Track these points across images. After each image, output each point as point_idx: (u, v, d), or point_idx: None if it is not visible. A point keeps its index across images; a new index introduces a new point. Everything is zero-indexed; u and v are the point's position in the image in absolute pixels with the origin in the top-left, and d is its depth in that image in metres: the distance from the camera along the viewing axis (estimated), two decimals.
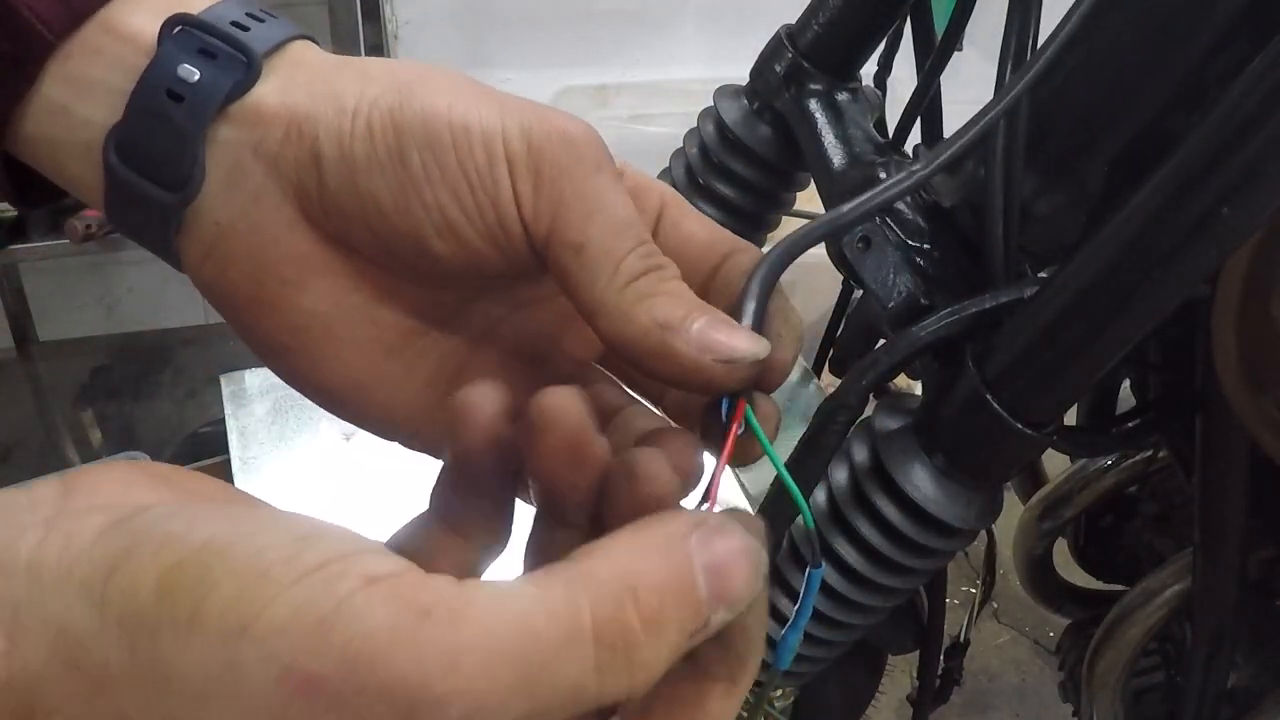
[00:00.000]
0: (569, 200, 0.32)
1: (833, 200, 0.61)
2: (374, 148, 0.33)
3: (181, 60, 0.33)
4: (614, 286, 0.32)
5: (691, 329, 0.31)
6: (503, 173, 0.32)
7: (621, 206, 0.33)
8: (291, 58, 0.35)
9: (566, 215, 0.32)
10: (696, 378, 0.32)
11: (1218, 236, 0.41)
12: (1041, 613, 0.95)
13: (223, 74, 0.33)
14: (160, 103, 0.34)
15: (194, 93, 0.33)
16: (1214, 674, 0.68)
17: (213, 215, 0.34)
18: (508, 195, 0.32)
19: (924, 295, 0.54)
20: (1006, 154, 0.50)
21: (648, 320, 0.31)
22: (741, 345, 0.31)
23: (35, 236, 1.90)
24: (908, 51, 0.67)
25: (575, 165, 0.32)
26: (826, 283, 0.80)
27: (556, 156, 0.32)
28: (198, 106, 0.33)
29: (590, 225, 0.32)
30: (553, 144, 0.32)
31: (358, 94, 0.33)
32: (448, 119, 0.32)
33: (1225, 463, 0.60)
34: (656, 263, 0.33)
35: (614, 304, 0.32)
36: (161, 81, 0.33)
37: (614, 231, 0.32)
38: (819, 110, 0.62)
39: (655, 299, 0.32)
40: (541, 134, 0.32)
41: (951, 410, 0.51)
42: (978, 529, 0.54)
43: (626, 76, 2.21)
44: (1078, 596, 0.92)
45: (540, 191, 0.32)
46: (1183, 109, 0.48)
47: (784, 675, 0.61)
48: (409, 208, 0.33)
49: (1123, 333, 0.46)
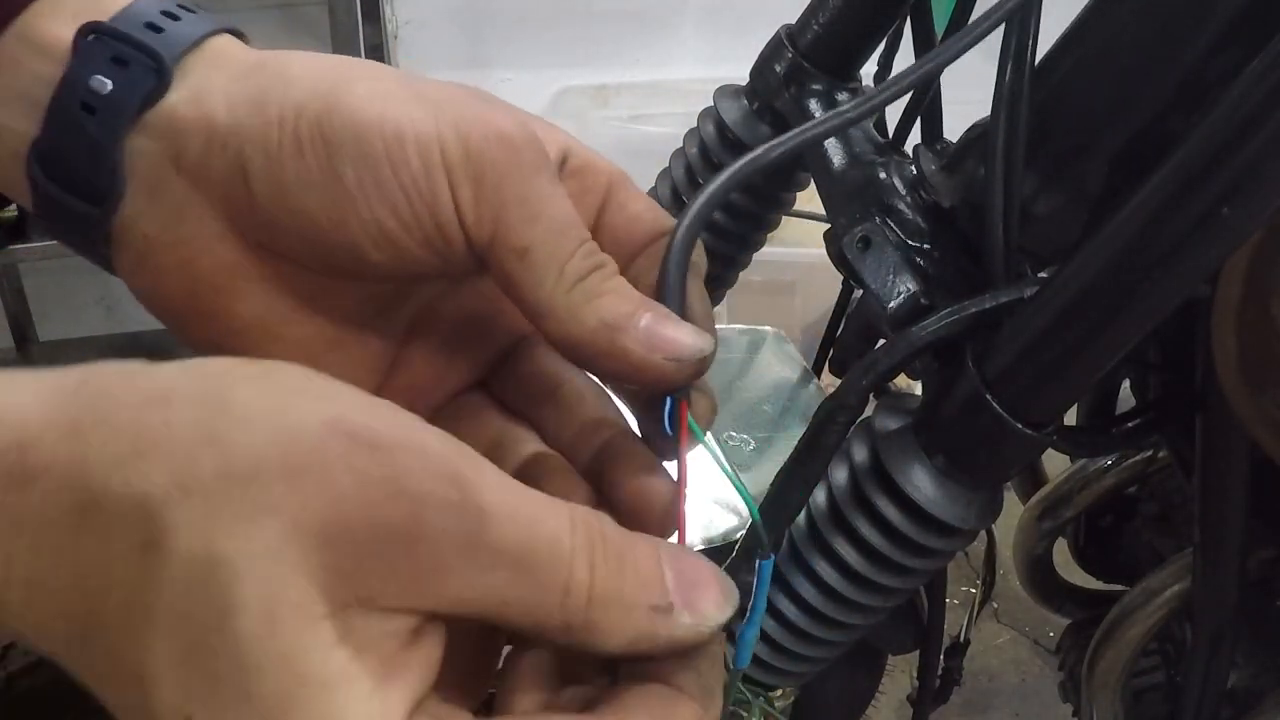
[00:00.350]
0: (510, 205, 0.32)
1: (833, 200, 0.61)
2: (304, 163, 0.32)
3: (94, 71, 0.33)
4: (561, 289, 0.32)
5: (639, 326, 0.32)
6: (441, 181, 0.32)
7: (562, 207, 0.33)
8: (209, 57, 0.34)
9: (509, 220, 0.32)
10: (646, 375, 0.32)
11: (1218, 236, 0.41)
12: (1041, 613, 0.95)
13: (135, 83, 0.33)
14: (75, 115, 0.33)
15: (106, 105, 0.33)
16: (1214, 674, 0.68)
17: (139, 228, 0.34)
18: (447, 203, 0.32)
19: (924, 295, 0.54)
20: (1006, 154, 0.50)
21: (595, 321, 0.32)
22: (688, 342, 0.32)
23: (35, 236, 1.90)
24: (908, 51, 0.66)
25: (515, 168, 0.32)
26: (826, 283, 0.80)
27: (496, 160, 0.32)
28: (110, 119, 0.33)
29: (533, 229, 0.32)
30: (491, 147, 0.32)
31: (280, 100, 0.32)
32: (379, 128, 0.32)
33: (1225, 463, 0.60)
34: (598, 261, 0.33)
35: (562, 306, 0.32)
36: (75, 94, 0.33)
37: (557, 233, 0.32)
38: (819, 110, 0.62)
39: (602, 299, 0.32)
40: (479, 138, 0.32)
41: (951, 410, 0.51)
42: (978, 529, 0.54)
43: (626, 76, 2.21)
44: (1078, 596, 0.92)
45: (481, 198, 0.32)
46: (1183, 109, 0.48)
47: (784, 676, 0.61)
48: (344, 221, 0.32)
49: (1123, 333, 0.46)
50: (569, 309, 0.32)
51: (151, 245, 0.34)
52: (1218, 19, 0.46)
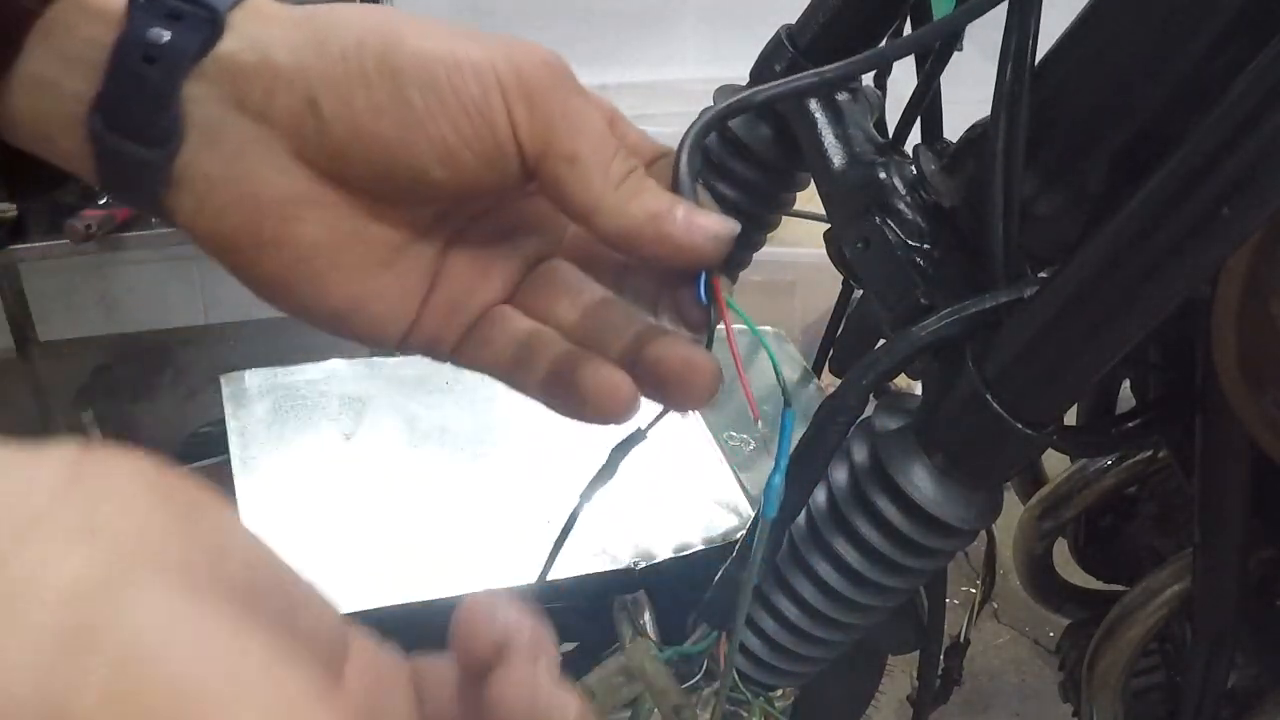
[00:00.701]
0: (558, 119, 0.36)
1: (833, 201, 0.61)
2: (372, 92, 0.35)
3: (151, 24, 0.35)
4: (609, 188, 0.37)
5: (678, 216, 0.37)
6: (497, 101, 0.36)
7: (600, 120, 0.38)
8: (256, 11, 0.37)
9: (559, 132, 0.36)
10: (689, 254, 0.38)
11: (1218, 236, 0.41)
12: (1041, 613, 0.95)
13: (190, 33, 0.36)
14: (136, 66, 0.35)
15: (165, 54, 0.35)
16: (1214, 674, 0.68)
17: (200, 169, 0.36)
18: (504, 120, 0.36)
19: (924, 295, 0.54)
20: (1006, 154, 0.50)
21: (641, 213, 0.37)
22: (719, 225, 0.38)
23: (35, 236, 1.90)
24: None
25: (560, 89, 0.37)
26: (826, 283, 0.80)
27: (543, 82, 0.36)
28: (171, 66, 0.35)
29: (580, 139, 0.37)
30: (539, 72, 0.36)
31: (341, 40, 0.36)
32: (439, 58, 0.36)
33: (1225, 463, 0.60)
34: (632, 164, 0.38)
35: (611, 203, 0.37)
36: (135, 47, 0.35)
37: (600, 142, 0.37)
38: (819, 110, 0.62)
39: (643, 195, 0.37)
40: (528, 64, 0.36)
41: (951, 410, 0.51)
42: (978, 529, 0.54)
43: (626, 76, 2.21)
44: (1078, 596, 0.92)
45: (534, 114, 0.36)
46: (1183, 109, 0.48)
47: (785, 677, 0.61)
48: (413, 142, 0.36)
49: (1123, 333, 0.46)
50: (617, 205, 0.37)
51: (213, 184, 0.37)
52: (1218, 19, 0.46)
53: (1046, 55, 0.52)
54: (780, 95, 0.46)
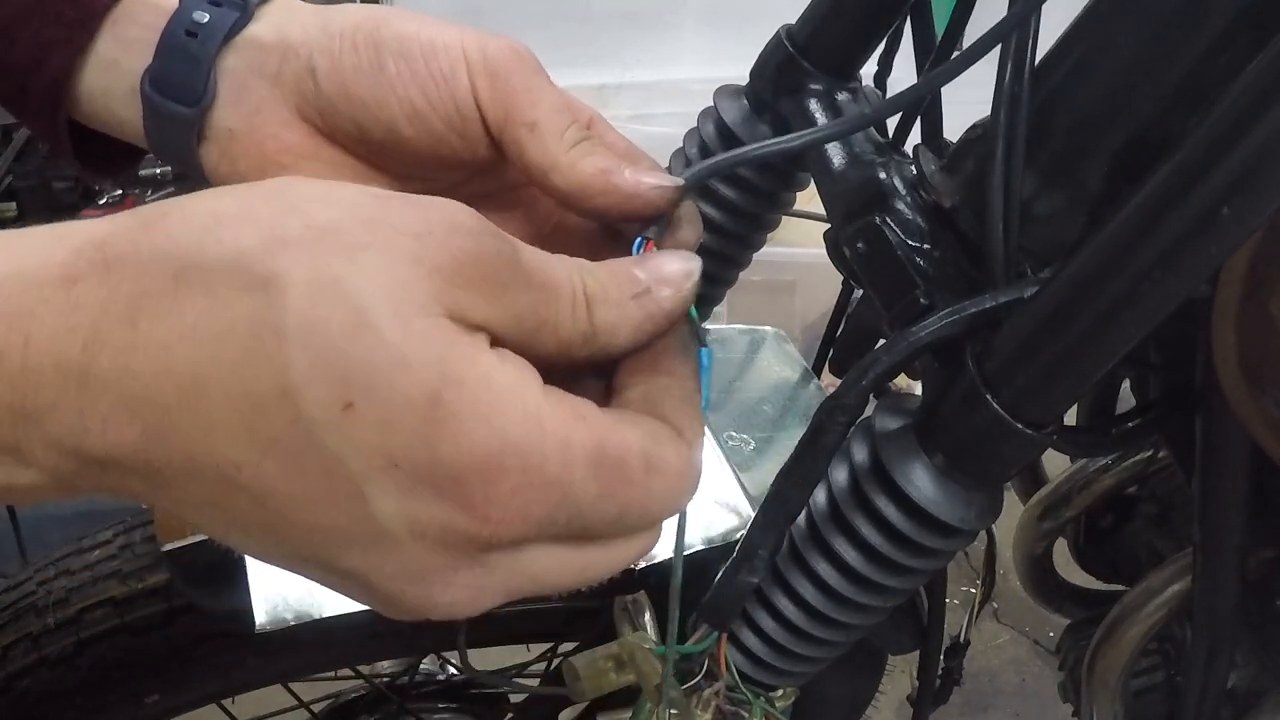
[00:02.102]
0: (519, 92, 0.41)
1: (833, 200, 0.61)
2: (358, 58, 0.42)
3: (196, 8, 0.44)
4: (563, 148, 0.41)
5: (625, 171, 0.41)
6: (462, 73, 0.41)
7: (559, 95, 0.42)
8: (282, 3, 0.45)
9: (519, 103, 0.41)
10: (635, 203, 0.41)
11: (1218, 236, 0.41)
12: (1041, 613, 0.95)
13: (226, 15, 0.44)
14: (181, 40, 0.44)
15: (204, 30, 0.44)
16: (1214, 674, 0.68)
17: (225, 123, 0.44)
18: (466, 90, 0.41)
19: (924, 295, 0.54)
20: (1006, 154, 0.50)
21: (592, 168, 0.41)
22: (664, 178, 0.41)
23: None
24: (908, 51, 0.66)
25: (521, 67, 0.42)
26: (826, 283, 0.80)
27: (506, 61, 0.42)
28: (208, 40, 0.44)
29: (538, 108, 0.41)
30: (504, 53, 0.42)
31: (341, 21, 0.43)
32: (416, 37, 0.42)
33: (1225, 463, 0.60)
34: (589, 132, 0.42)
35: (566, 161, 0.41)
36: (181, 25, 0.44)
37: (557, 110, 0.42)
38: (819, 110, 0.62)
39: (595, 154, 0.41)
40: (494, 46, 0.42)
41: (951, 410, 0.51)
42: (978, 529, 0.54)
43: (626, 76, 2.21)
44: (1078, 596, 0.92)
45: (495, 87, 0.41)
46: (1182, 109, 0.48)
47: (785, 677, 0.61)
48: (386, 101, 0.42)
49: (1123, 333, 0.46)
50: (570, 162, 0.41)
51: (234, 136, 0.44)
52: (1217, 20, 0.46)
53: (1046, 55, 0.52)
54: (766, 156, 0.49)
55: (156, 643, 0.72)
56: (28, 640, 0.71)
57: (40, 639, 0.71)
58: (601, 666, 0.61)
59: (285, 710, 0.87)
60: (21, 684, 0.71)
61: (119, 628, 0.71)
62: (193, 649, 0.72)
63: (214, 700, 0.81)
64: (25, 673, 0.71)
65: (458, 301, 0.30)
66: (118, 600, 0.72)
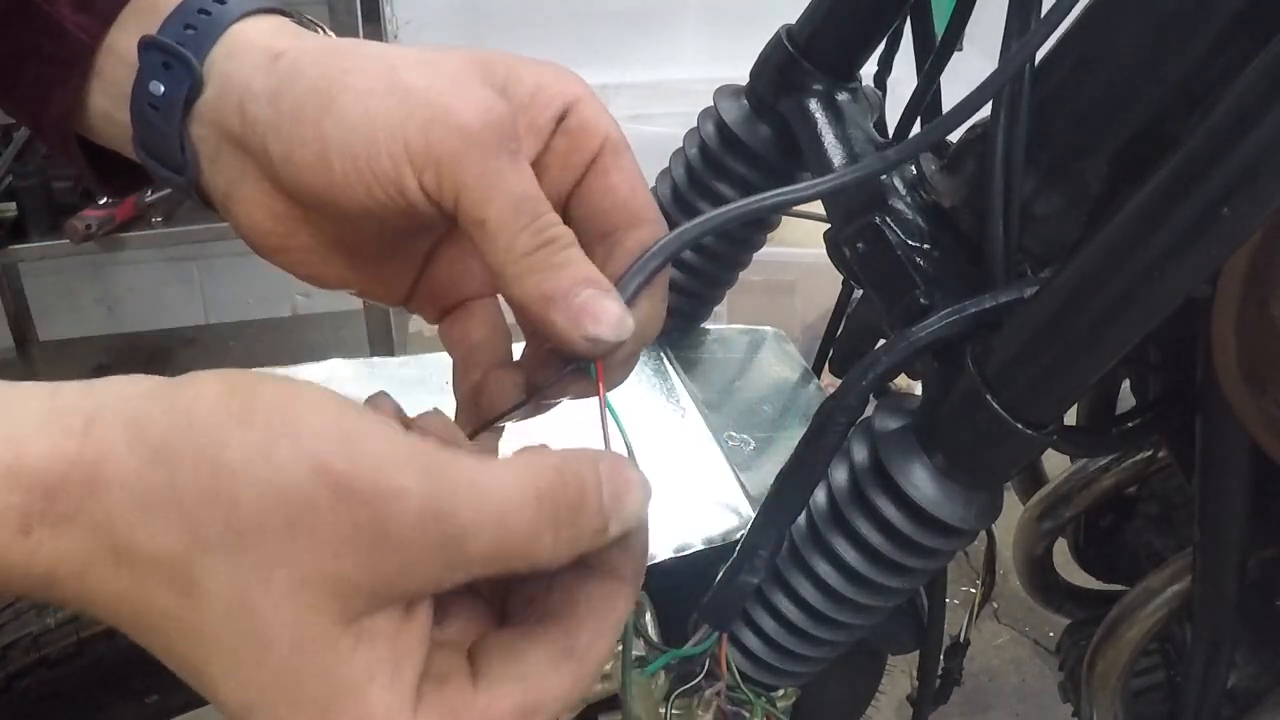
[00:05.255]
0: (468, 185, 0.38)
1: (833, 201, 0.61)
2: (307, 153, 0.39)
3: (151, 76, 0.42)
4: (510, 258, 0.38)
5: (574, 302, 0.38)
6: (406, 172, 0.38)
7: (516, 185, 0.38)
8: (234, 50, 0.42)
9: (468, 198, 0.38)
10: (567, 347, 0.38)
11: (1218, 236, 0.41)
12: (1041, 613, 0.95)
13: (178, 84, 0.42)
14: (147, 112, 0.43)
15: (162, 103, 0.42)
16: (1214, 674, 0.68)
17: (217, 189, 0.44)
18: (414, 186, 0.38)
19: (924, 295, 0.54)
20: (1006, 154, 0.50)
21: (535, 291, 0.38)
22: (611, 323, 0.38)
23: (35, 236, 1.90)
24: (908, 51, 0.67)
25: (472, 153, 0.38)
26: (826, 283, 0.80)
27: (454, 149, 0.38)
28: (169, 113, 0.42)
29: (488, 206, 0.38)
30: (451, 138, 0.38)
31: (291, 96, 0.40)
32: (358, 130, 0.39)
33: (1225, 463, 0.60)
34: (549, 236, 0.38)
35: (510, 274, 0.38)
36: (143, 96, 0.43)
37: (510, 209, 0.38)
38: (819, 110, 0.62)
39: (544, 273, 0.38)
40: (441, 130, 0.38)
41: (951, 410, 0.51)
42: (978, 529, 0.54)
43: (626, 76, 2.21)
44: (1078, 596, 0.92)
45: (442, 179, 0.38)
46: (1183, 109, 0.48)
47: (785, 677, 0.61)
48: (339, 199, 0.40)
49: (1123, 333, 0.46)
50: (515, 276, 0.38)
51: (228, 199, 0.43)
52: (1217, 19, 0.46)
53: (1046, 55, 0.52)
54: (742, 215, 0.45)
55: None
56: (28, 640, 0.71)
57: (40, 639, 0.71)
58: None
59: None
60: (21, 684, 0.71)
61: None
62: None
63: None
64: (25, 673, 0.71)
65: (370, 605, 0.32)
66: None
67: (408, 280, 0.46)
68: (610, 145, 0.42)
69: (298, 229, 0.43)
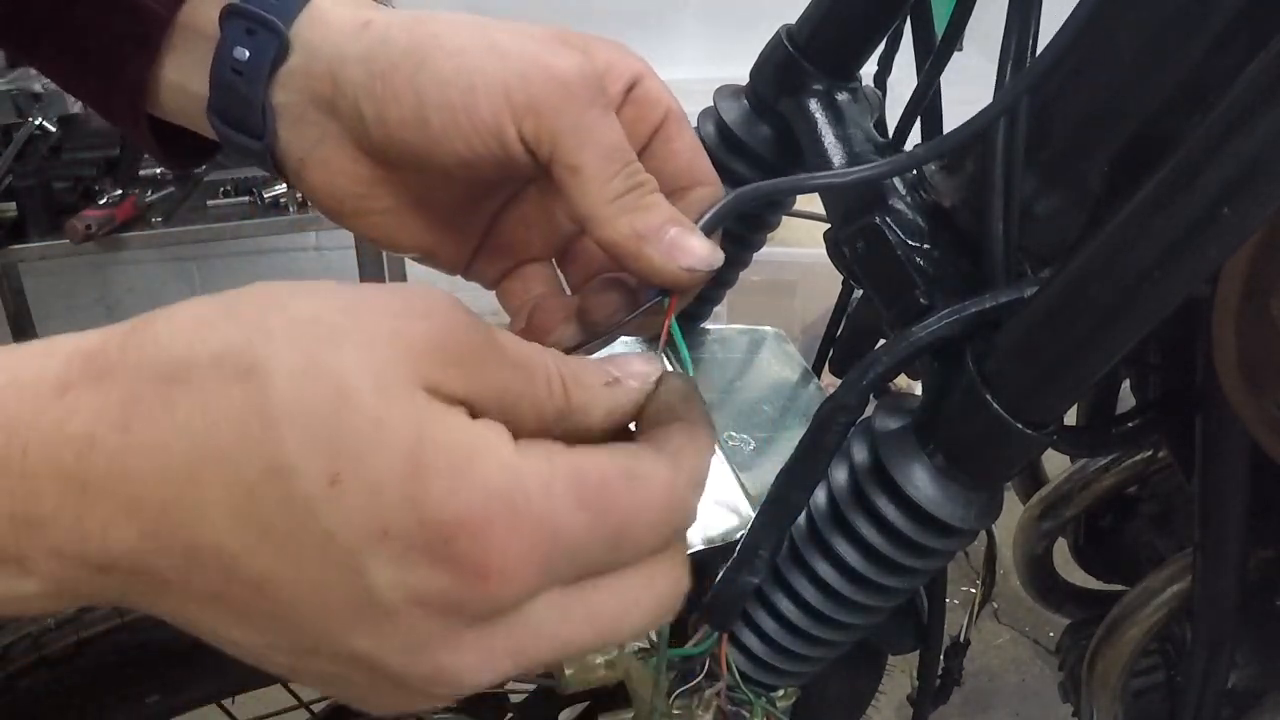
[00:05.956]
0: (565, 133, 0.40)
1: (833, 200, 0.61)
2: (401, 109, 0.41)
3: (235, 43, 0.44)
4: (602, 201, 0.40)
5: (664, 238, 0.40)
6: (506, 121, 0.40)
7: (608, 134, 0.41)
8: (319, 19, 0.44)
9: (564, 145, 0.40)
10: (661, 278, 0.41)
11: (1218, 236, 0.41)
12: (1041, 613, 0.95)
13: (264, 49, 0.43)
14: (229, 78, 0.44)
15: (247, 69, 0.44)
16: (1214, 674, 0.68)
17: (293, 153, 0.45)
18: (513, 135, 0.40)
19: (924, 295, 0.54)
20: (1006, 154, 0.50)
21: (628, 229, 0.40)
22: (702, 255, 0.41)
23: (35, 236, 1.90)
24: (908, 51, 0.66)
25: (569, 103, 0.40)
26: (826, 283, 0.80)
27: (553, 99, 0.40)
28: (253, 78, 0.44)
29: (583, 152, 0.40)
30: (550, 89, 0.40)
31: (384, 58, 0.42)
32: (456, 83, 0.40)
33: (1225, 463, 0.60)
34: (638, 180, 0.41)
35: (603, 215, 0.40)
36: (225, 63, 0.44)
37: (603, 157, 0.40)
38: (819, 110, 0.62)
39: (635, 213, 0.40)
40: (540, 82, 0.40)
41: (951, 410, 0.51)
42: (978, 529, 0.54)
43: None
44: (1078, 596, 0.92)
45: (541, 127, 0.40)
46: (1183, 109, 0.48)
47: (786, 677, 0.61)
48: (433, 153, 0.41)
49: (1123, 333, 0.46)
50: (608, 218, 0.40)
51: (304, 165, 0.45)
52: (1217, 19, 0.46)
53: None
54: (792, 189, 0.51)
55: (156, 643, 0.72)
56: (28, 640, 0.71)
57: (40, 639, 0.71)
58: (590, 663, 0.61)
59: (285, 710, 0.87)
60: (21, 684, 0.71)
61: (119, 627, 0.71)
62: (193, 649, 0.72)
63: (214, 700, 0.81)
64: (25, 673, 0.71)
65: (434, 377, 0.31)
66: None
67: (473, 242, 0.49)
68: (673, 115, 0.45)
69: (378, 191, 0.45)
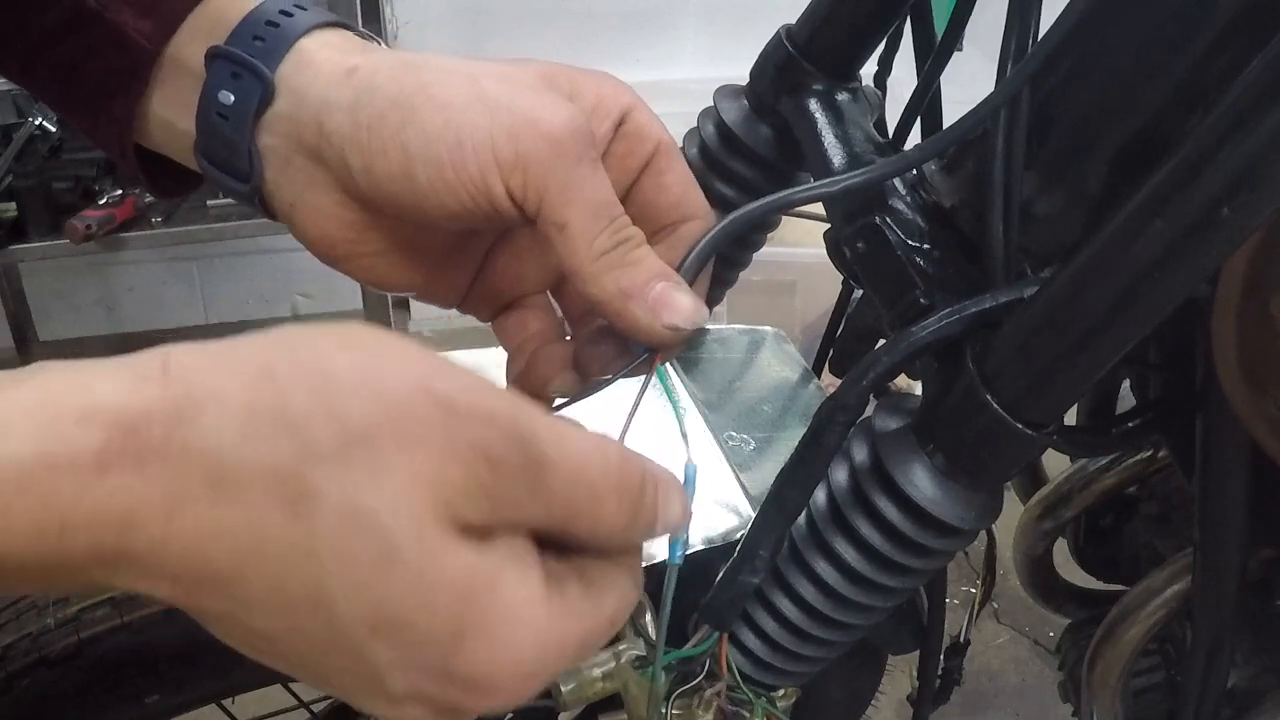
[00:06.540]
0: (552, 190, 0.40)
1: (833, 201, 0.61)
2: (388, 163, 0.41)
3: (219, 86, 0.43)
4: (589, 258, 0.41)
5: (649, 296, 0.41)
6: (494, 177, 0.40)
7: (596, 191, 0.41)
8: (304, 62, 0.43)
9: (551, 201, 0.40)
10: (644, 337, 0.42)
11: (1218, 236, 0.41)
12: (1041, 613, 0.95)
13: (249, 93, 0.43)
14: (214, 122, 0.44)
15: (232, 112, 0.43)
16: (1214, 674, 0.68)
17: (281, 197, 0.44)
18: (500, 191, 0.40)
19: (924, 295, 0.54)
20: (1006, 154, 0.50)
21: (613, 287, 0.41)
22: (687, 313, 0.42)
23: (35, 236, 1.90)
24: (908, 51, 0.66)
25: (556, 160, 0.40)
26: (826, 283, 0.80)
27: (540, 155, 0.40)
28: (238, 122, 0.43)
29: (569, 209, 0.40)
30: (537, 145, 0.40)
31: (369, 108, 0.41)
32: (443, 139, 0.40)
33: (1225, 463, 0.60)
34: (624, 236, 0.41)
35: (589, 272, 0.41)
36: (211, 106, 0.44)
37: (589, 214, 0.41)
38: (819, 110, 0.62)
39: (621, 269, 0.41)
40: (528, 138, 0.40)
41: (951, 410, 0.51)
42: (978, 529, 0.54)
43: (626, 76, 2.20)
44: (1078, 596, 0.92)
45: (528, 184, 0.40)
46: (1183, 109, 0.48)
47: (786, 677, 0.61)
48: (420, 206, 0.41)
49: (1123, 333, 0.46)
50: (594, 275, 0.41)
51: (293, 209, 0.44)
52: (1217, 19, 0.46)
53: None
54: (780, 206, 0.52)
55: (156, 643, 0.72)
56: (28, 640, 0.71)
57: (40, 639, 0.71)
58: (588, 676, 0.61)
59: (285, 710, 0.87)
60: (21, 684, 0.71)
61: (119, 627, 0.71)
62: (193, 649, 0.72)
63: (214, 700, 0.81)
64: (25, 673, 0.71)
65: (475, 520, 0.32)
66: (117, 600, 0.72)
67: (466, 280, 0.49)
68: (663, 148, 0.45)
69: (367, 236, 0.44)
